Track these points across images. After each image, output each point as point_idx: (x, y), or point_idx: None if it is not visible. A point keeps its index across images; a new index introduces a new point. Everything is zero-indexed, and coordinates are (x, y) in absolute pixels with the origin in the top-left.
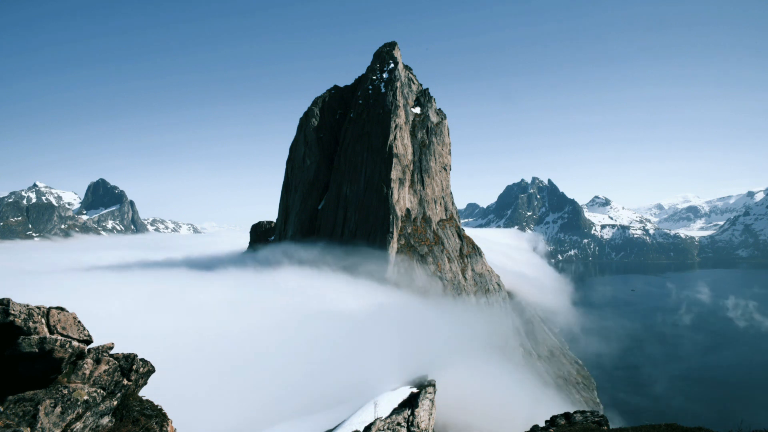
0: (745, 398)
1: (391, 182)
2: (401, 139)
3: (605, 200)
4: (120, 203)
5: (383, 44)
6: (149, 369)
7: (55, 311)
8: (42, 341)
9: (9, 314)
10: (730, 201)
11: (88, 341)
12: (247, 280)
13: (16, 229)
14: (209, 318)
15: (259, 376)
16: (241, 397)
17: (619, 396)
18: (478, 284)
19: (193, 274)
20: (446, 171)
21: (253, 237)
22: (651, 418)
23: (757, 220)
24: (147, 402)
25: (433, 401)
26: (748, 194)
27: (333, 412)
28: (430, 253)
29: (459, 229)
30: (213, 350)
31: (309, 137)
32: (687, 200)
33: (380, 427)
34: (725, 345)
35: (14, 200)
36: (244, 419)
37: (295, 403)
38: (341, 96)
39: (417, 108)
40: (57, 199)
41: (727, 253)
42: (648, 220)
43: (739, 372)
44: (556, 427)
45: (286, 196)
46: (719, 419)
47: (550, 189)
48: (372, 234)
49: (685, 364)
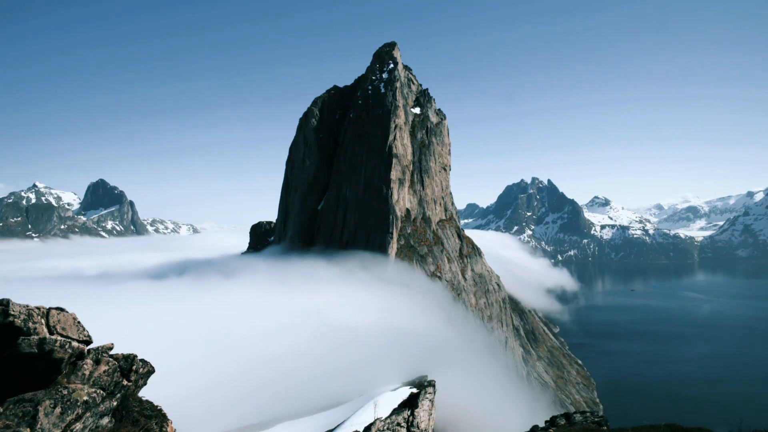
0: (745, 398)
1: (391, 182)
2: (401, 140)
3: (605, 200)
4: (120, 204)
5: (383, 45)
6: (149, 369)
7: (55, 312)
8: (42, 342)
9: (9, 315)
10: (729, 201)
11: (88, 342)
12: (246, 280)
13: (16, 229)
14: (209, 318)
15: (259, 376)
16: (241, 398)
17: (619, 396)
18: (477, 284)
19: (192, 274)
20: (446, 171)
21: (253, 237)
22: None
23: (756, 220)
24: (147, 402)
25: (433, 401)
26: (747, 194)
27: (333, 412)
28: (430, 253)
29: (459, 230)
30: (213, 351)
31: (309, 138)
32: (687, 200)
33: (380, 428)
34: (725, 345)
35: (14, 201)
36: (244, 419)
37: (295, 403)
38: (341, 96)
39: (417, 108)
40: (56, 200)
41: (727, 253)
42: (648, 220)
43: (739, 372)
44: (556, 427)
45: (286, 197)
46: (719, 419)
47: (549, 189)
48: (372, 234)
49: (685, 364)
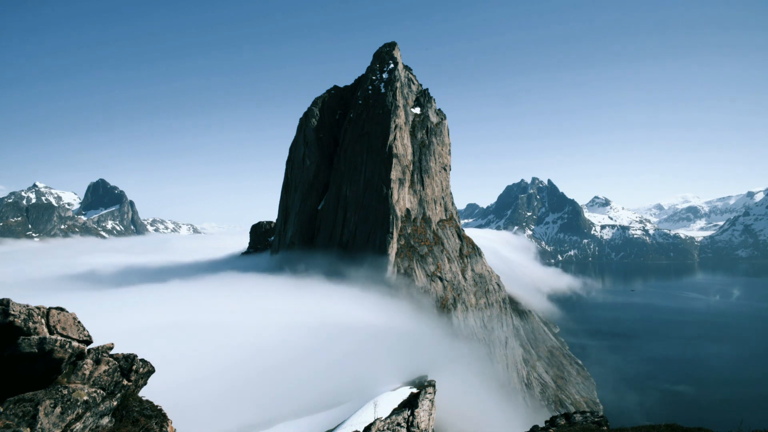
0: (745, 398)
1: (391, 182)
2: (401, 140)
3: (605, 200)
4: (120, 203)
5: (383, 44)
6: (149, 369)
7: (55, 311)
8: (42, 341)
9: (9, 314)
10: (729, 201)
11: (88, 341)
12: (246, 281)
13: (16, 229)
14: (209, 319)
15: (259, 376)
16: (241, 398)
17: (620, 396)
18: (477, 284)
19: (192, 275)
20: (446, 171)
21: (253, 237)
22: (651, 418)
23: (756, 220)
24: (147, 402)
25: (433, 402)
26: (747, 194)
27: (333, 412)
28: (430, 253)
29: (459, 230)
30: (213, 351)
31: (309, 137)
32: (687, 200)
33: (380, 428)
34: (725, 345)
35: (14, 200)
36: (244, 419)
37: (295, 403)
38: (341, 96)
39: (417, 108)
40: (57, 200)
41: (727, 253)
42: (648, 220)
43: (739, 372)
44: (556, 428)
45: (286, 197)
46: (719, 419)
47: (549, 189)
48: (372, 234)
49: (686, 364)
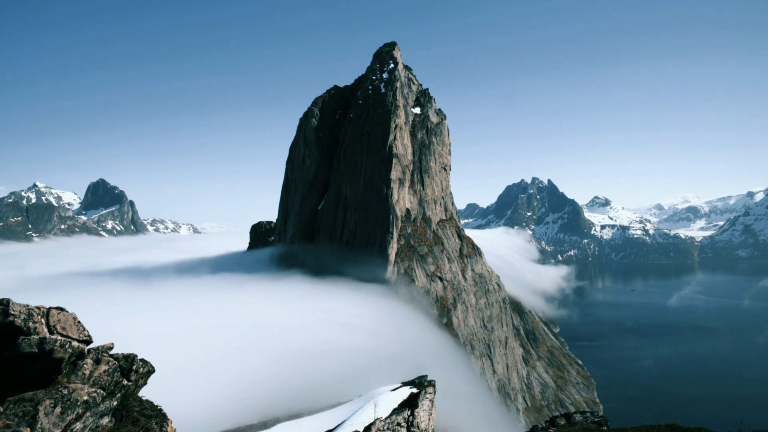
0: (745, 398)
1: (391, 182)
2: (401, 140)
3: (605, 200)
4: (120, 203)
5: (383, 45)
6: (149, 369)
7: (55, 311)
8: (42, 341)
9: (9, 314)
10: (729, 201)
11: (88, 341)
12: (246, 281)
13: (16, 229)
14: (209, 319)
15: (259, 376)
16: (241, 398)
17: (620, 396)
18: (477, 284)
19: (192, 275)
20: (446, 171)
21: (253, 237)
22: (651, 418)
23: (756, 220)
24: (147, 402)
25: (433, 401)
26: (747, 194)
27: (333, 412)
28: (430, 253)
29: (459, 230)
30: (213, 351)
31: (309, 137)
32: (687, 200)
33: (380, 428)
34: (725, 345)
35: (14, 200)
36: (244, 419)
37: (295, 403)
38: (341, 96)
39: (417, 108)
40: (57, 200)
41: (727, 253)
42: (648, 220)
43: (739, 372)
44: (556, 428)
45: (286, 197)
46: (719, 419)
47: (549, 189)
48: (372, 234)
49: (686, 364)
